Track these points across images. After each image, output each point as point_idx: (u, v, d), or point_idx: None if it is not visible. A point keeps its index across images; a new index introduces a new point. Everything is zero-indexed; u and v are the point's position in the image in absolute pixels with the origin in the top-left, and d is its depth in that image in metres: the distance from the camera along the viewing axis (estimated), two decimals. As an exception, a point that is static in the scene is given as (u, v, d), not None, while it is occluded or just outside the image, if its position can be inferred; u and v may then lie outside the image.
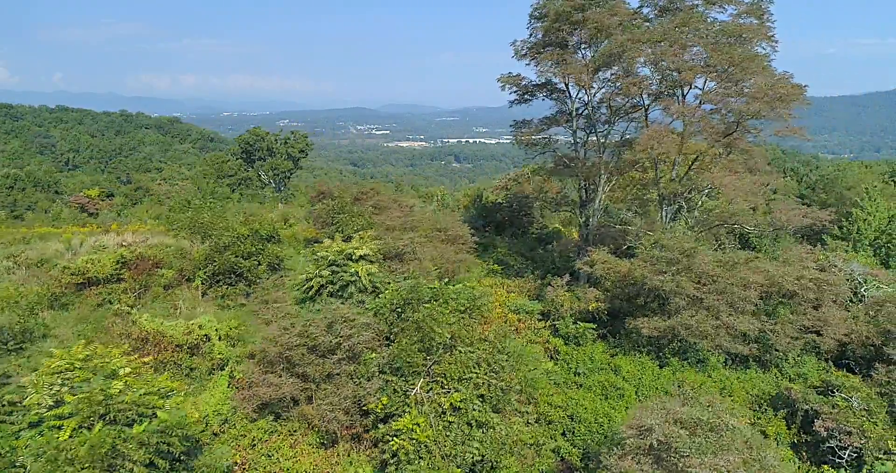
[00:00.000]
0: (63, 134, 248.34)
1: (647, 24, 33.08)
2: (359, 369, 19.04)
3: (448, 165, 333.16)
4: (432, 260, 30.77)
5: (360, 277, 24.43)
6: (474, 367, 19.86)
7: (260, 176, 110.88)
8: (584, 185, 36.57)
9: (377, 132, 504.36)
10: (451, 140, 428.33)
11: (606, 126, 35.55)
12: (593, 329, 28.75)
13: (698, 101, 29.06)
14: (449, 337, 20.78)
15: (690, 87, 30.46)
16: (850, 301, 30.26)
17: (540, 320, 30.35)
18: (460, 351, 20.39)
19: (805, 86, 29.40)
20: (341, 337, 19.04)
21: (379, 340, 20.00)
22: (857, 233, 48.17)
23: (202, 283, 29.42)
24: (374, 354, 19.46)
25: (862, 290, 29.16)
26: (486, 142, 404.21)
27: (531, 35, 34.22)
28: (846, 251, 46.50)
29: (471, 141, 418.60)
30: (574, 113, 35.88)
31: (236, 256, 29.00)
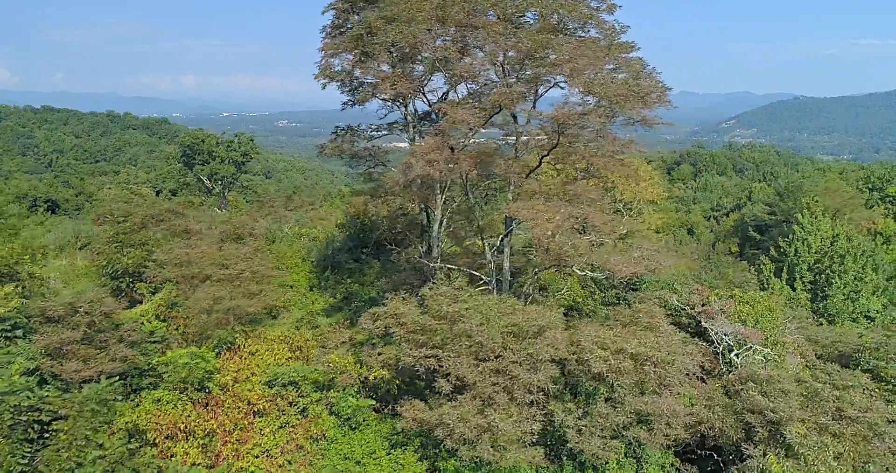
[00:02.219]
0: (47, 134, 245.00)
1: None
2: None
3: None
4: (189, 311, 23.84)
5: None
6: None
7: (202, 181, 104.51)
8: (423, 208, 29.58)
9: (377, 133, 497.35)
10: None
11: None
12: (372, 406, 21.71)
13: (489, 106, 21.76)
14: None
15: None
16: (727, 363, 23.01)
17: (317, 390, 23.29)
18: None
19: (665, 86, 22.05)
20: None
21: None
22: (794, 254, 40.67)
23: None
24: None
25: (732, 356, 21.81)
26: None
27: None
28: (776, 278, 39.10)
29: (471, 141, 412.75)
30: (409, 118, 28.93)
31: None
